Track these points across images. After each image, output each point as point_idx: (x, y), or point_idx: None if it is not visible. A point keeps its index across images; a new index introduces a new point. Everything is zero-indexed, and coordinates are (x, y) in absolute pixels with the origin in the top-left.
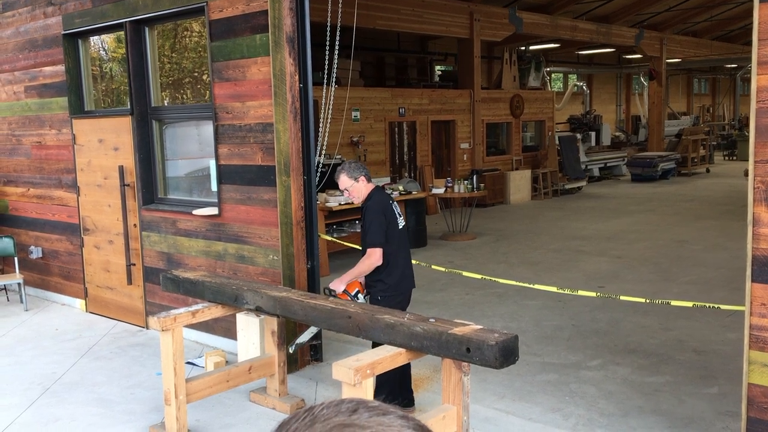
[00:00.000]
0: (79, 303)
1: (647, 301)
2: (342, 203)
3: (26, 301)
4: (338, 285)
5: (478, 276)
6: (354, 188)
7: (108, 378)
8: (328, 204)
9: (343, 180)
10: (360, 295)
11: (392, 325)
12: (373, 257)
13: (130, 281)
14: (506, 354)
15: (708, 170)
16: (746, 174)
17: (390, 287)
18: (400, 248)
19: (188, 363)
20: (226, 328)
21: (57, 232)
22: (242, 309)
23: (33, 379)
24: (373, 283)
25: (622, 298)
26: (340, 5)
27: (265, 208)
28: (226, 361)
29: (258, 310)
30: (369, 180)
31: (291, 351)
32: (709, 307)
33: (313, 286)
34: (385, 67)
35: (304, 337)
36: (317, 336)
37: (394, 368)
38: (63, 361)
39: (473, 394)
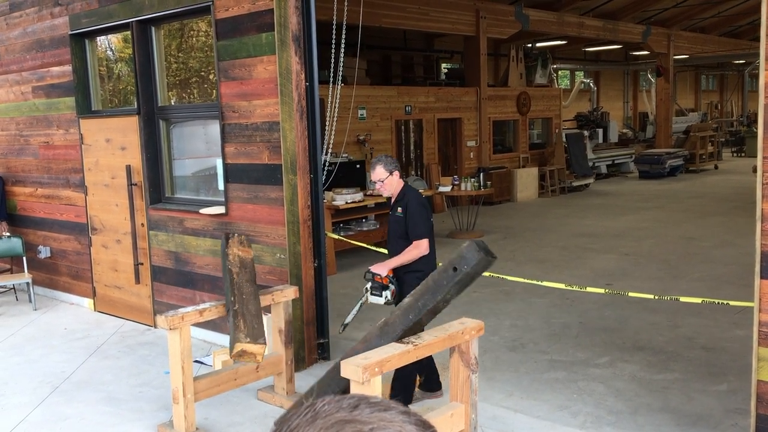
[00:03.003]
0: (88, 302)
1: (656, 297)
2: (348, 202)
3: (35, 300)
4: (382, 269)
5: (486, 273)
6: (388, 181)
7: (116, 377)
8: (334, 202)
9: (379, 171)
10: (393, 280)
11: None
12: (422, 247)
13: (138, 280)
14: (484, 250)
15: (716, 167)
16: (755, 170)
17: (425, 274)
18: (431, 240)
19: (196, 361)
20: None
21: (65, 232)
22: None
23: (42, 377)
24: (409, 270)
25: (631, 294)
26: (345, 3)
27: (272, 206)
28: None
29: None
30: (400, 175)
31: (340, 332)
32: (718, 303)
33: (320, 284)
34: (391, 65)
35: (351, 316)
36: (324, 334)
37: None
38: (72, 359)
39: (481, 392)
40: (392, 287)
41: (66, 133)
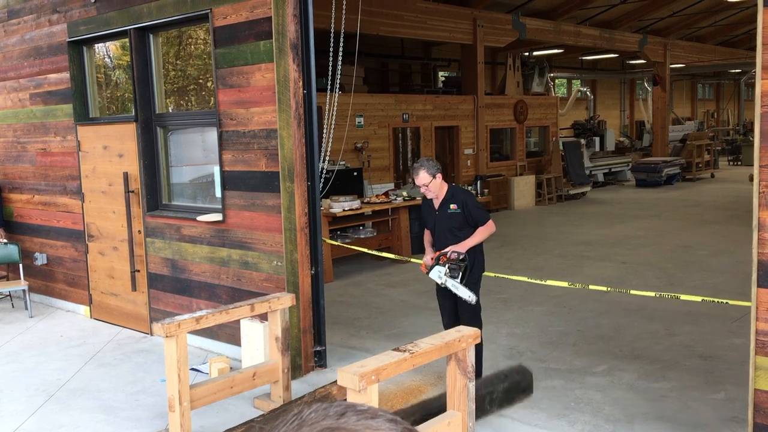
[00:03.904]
0: (84, 309)
1: (657, 295)
2: (346, 209)
3: (31, 307)
4: (462, 248)
5: (489, 273)
6: (432, 184)
7: (112, 384)
8: (332, 210)
9: (423, 176)
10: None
11: None
12: (493, 226)
13: (134, 287)
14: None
15: (713, 175)
16: (751, 179)
17: (482, 255)
18: None
19: (192, 369)
20: (230, 335)
21: (62, 239)
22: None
23: (38, 385)
24: (476, 253)
25: (633, 292)
26: (343, 12)
27: (269, 214)
28: (231, 368)
29: None
30: (443, 177)
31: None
32: (718, 302)
33: (317, 292)
34: (388, 74)
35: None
36: (321, 341)
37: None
38: (67, 367)
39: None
40: (465, 263)
41: (63, 140)
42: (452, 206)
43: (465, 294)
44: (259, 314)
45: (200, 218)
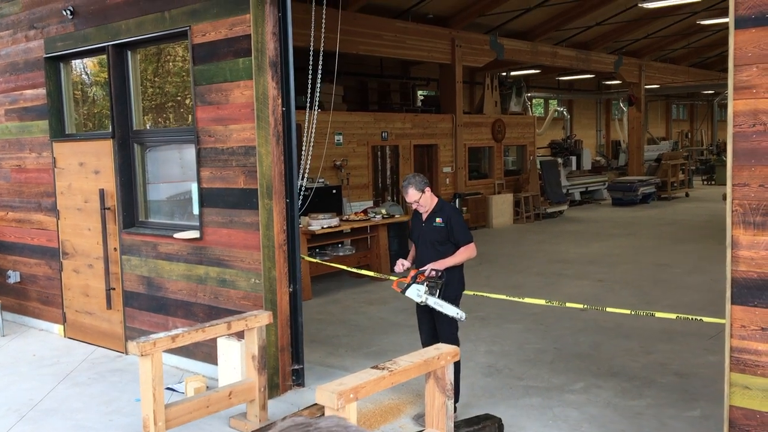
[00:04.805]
0: (58, 328)
1: (633, 312)
2: (324, 227)
3: (3, 326)
4: (440, 266)
5: (468, 291)
6: (422, 199)
7: (86, 404)
8: (310, 227)
9: (412, 193)
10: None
11: None
12: (474, 250)
13: (109, 306)
14: None
15: (687, 194)
16: (725, 198)
17: (462, 274)
18: None
19: (168, 389)
20: (206, 353)
21: (36, 257)
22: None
23: (9, 405)
24: (455, 270)
25: (609, 309)
26: (323, 31)
27: (248, 231)
28: (207, 387)
29: None
30: (431, 190)
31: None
32: (693, 319)
33: (295, 309)
34: (368, 92)
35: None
36: (299, 360)
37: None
38: (40, 387)
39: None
40: (442, 281)
41: (39, 157)
42: (438, 219)
43: (452, 311)
44: (236, 332)
45: (177, 235)
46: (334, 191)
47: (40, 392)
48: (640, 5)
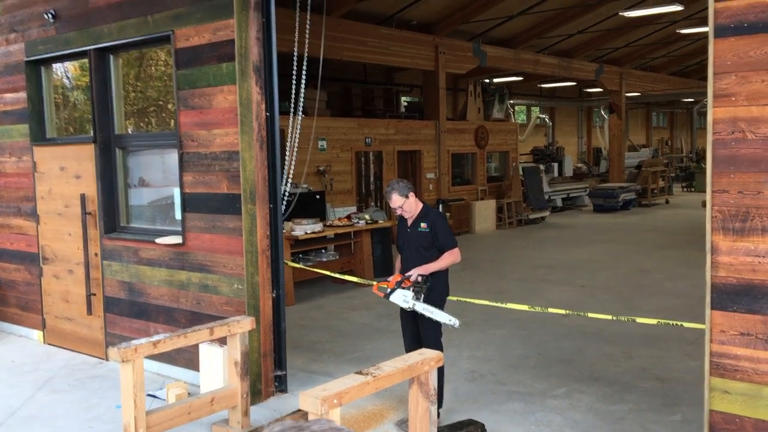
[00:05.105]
0: (37, 334)
1: (614, 318)
2: (308, 232)
3: None
4: (425, 270)
5: (452, 297)
6: (407, 204)
7: (66, 411)
8: (294, 233)
9: (396, 199)
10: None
11: None
12: (458, 256)
13: (90, 311)
14: None
15: (667, 201)
16: (704, 205)
17: (447, 278)
18: None
19: (149, 395)
20: (188, 359)
21: (15, 262)
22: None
23: None
24: (439, 275)
25: (590, 315)
26: (307, 36)
27: (230, 236)
28: (189, 393)
29: None
30: (415, 195)
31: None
32: (673, 324)
33: (278, 315)
34: (351, 98)
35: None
36: (282, 366)
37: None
38: (19, 394)
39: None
40: (427, 285)
41: (18, 161)
42: (422, 225)
43: (444, 318)
44: (218, 338)
45: (159, 241)
46: (317, 197)
47: (19, 399)
48: (621, 14)
